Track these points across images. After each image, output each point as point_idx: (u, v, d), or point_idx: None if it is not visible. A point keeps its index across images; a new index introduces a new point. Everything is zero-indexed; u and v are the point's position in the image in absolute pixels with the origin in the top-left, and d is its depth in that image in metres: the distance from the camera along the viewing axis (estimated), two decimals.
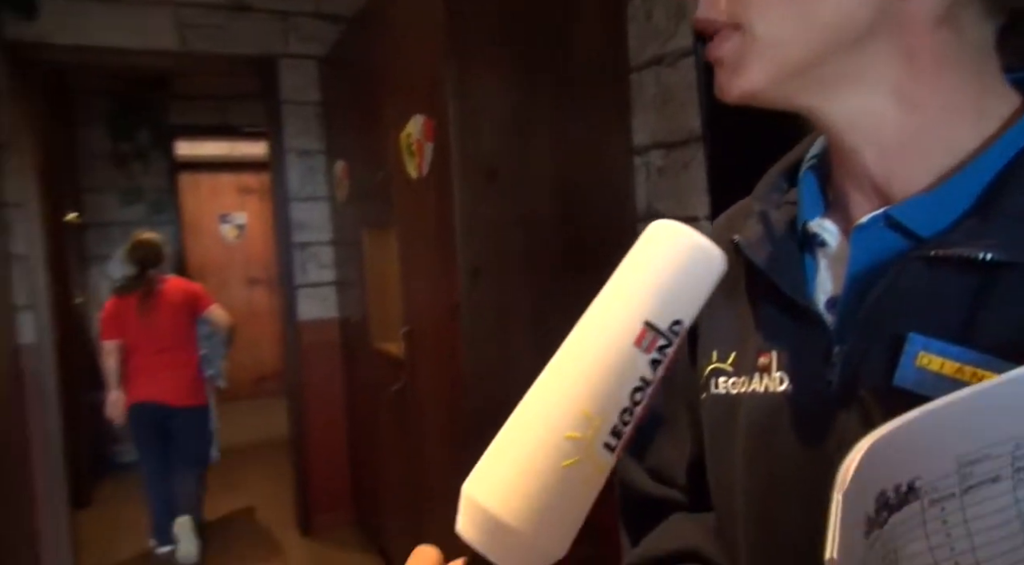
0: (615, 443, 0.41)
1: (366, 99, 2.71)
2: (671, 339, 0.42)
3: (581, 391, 0.41)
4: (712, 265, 0.44)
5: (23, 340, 2.99)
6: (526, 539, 0.40)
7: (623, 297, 0.43)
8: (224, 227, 6.61)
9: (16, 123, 2.93)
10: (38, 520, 3.03)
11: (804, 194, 0.52)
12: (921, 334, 0.42)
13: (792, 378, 0.48)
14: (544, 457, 0.40)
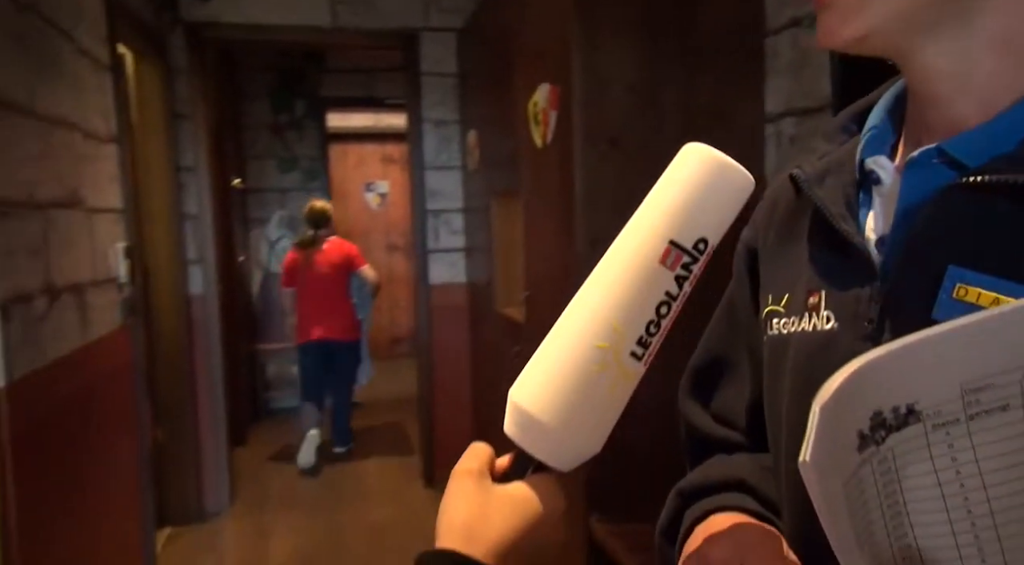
0: (642, 353, 0.45)
1: (499, 69, 2.77)
2: (696, 256, 0.45)
3: (609, 305, 0.45)
4: (736, 184, 0.45)
5: (192, 290, 3.36)
6: (559, 435, 0.45)
7: (650, 218, 0.46)
8: (368, 195, 6.99)
9: (192, 96, 3.27)
10: (203, 454, 3.41)
11: (869, 134, 0.51)
12: (959, 266, 0.41)
13: (837, 317, 0.48)
14: (575, 363, 0.44)
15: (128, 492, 2.34)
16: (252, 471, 4.00)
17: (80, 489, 1.86)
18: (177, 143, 3.21)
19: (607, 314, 0.45)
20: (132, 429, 2.39)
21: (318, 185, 5.43)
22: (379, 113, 6.19)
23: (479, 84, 3.22)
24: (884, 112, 0.52)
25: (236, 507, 3.54)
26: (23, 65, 1.63)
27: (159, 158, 3.13)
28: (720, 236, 0.46)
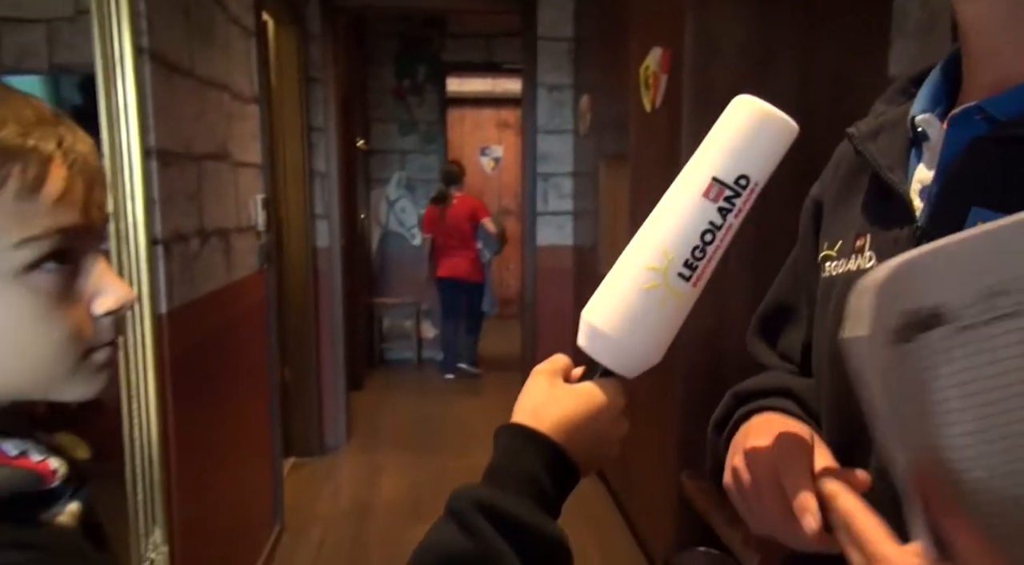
0: (689, 274, 0.52)
1: (613, 33, 2.79)
2: (737, 191, 0.51)
3: (660, 233, 0.53)
4: (777, 129, 0.51)
5: (319, 243, 3.63)
6: (619, 344, 0.53)
7: (697, 159, 0.53)
8: (483, 159, 7.16)
9: (324, 61, 3.49)
10: (324, 395, 3.72)
11: (921, 93, 0.54)
12: (982, 208, 0.46)
13: (878, 256, 0.53)
14: (631, 283, 0.53)
15: (260, 421, 2.62)
16: (367, 414, 4.30)
17: (222, 413, 2.12)
18: (309, 105, 3.46)
19: (658, 240, 0.52)
20: (264, 366, 2.66)
21: (435, 148, 5.64)
22: (496, 78, 6.30)
23: (593, 48, 3.24)
24: (939, 74, 0.55)
25: (351, 444, 3.84)
26: (186, 32, 1.84)
27: (293, 118, 3.37)
28: (765, 176, 0.52)
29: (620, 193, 2.72)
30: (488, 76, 6.23)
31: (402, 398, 4.69)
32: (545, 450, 0.52)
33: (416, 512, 3.03)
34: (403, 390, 4.92)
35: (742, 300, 1.77)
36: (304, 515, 3.01)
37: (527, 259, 3.82)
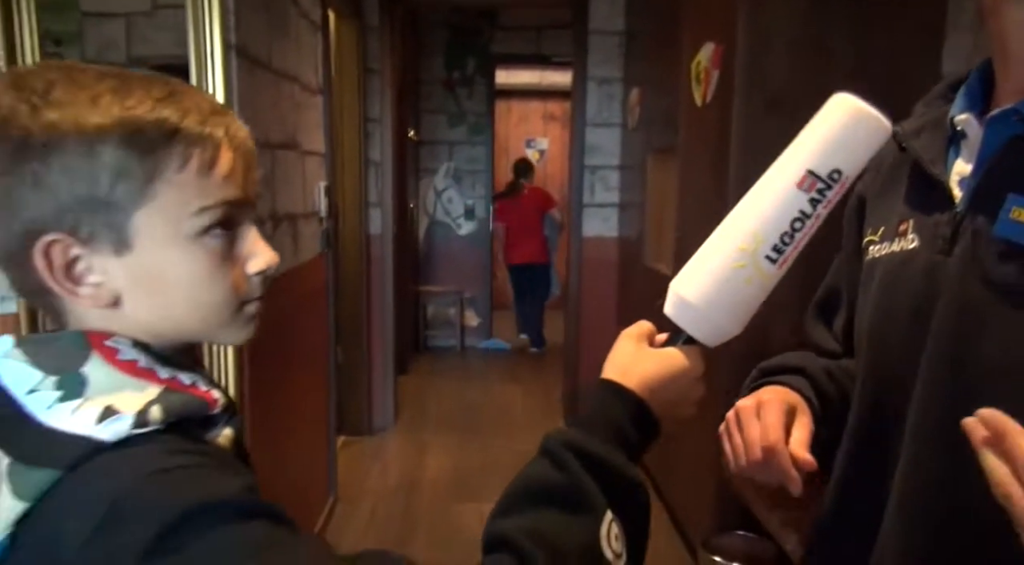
0: (776, 257, 0.57)
1: (665, 27, 2.84)
2: (830, 184, 0.56)
3: (752, 216, 0.58)
4: (872, 128, 0.56)
5: (372, 231, 3.76)
6: (705, 314, 0.59)
7: (793, 151, 0.58)
8: (529, 151, 7.23)
9: (381, 53, 3.61)
10: (373, 377, 3.85)
11: (959, 97, 0.62)
12: (1018, 194, 0.53)
13: (920, 237, 0.61)
14: (721, 259, 0.59)
15: (319, 398, 2.76)
16: (413, 397, 4.44)
17: (288, 388, 2.26)
18: (366, 95, 3.58)
19: (750, 223, 0.58)
20: (324, 346, 2.79)
21: (483, 140, 5.73)
22: (544, 70, 6.36)
23: (644, 43, 3.30)
24: (976, 79, 0.62)
25: (399, 425, 3.98)
26: (266, 27, 1.96)
27: (351, 109, 3.50)
28: (857, 171, 0.57)
29: (668, 186, 2.78)
30: (536, 68, 6.30)
31: (446, 383, 4.81)
32: (630, 404, 0.59)
33: (460, 490, 3.15)
34: (446, 376, 5.04)
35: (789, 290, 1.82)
36: (356, 489, 3.15)
37: (573, 250, 3.90)
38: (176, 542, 0.44)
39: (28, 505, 0.47)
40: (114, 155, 0.51)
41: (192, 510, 0.45)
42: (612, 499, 0.54)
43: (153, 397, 0.51)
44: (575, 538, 0.51)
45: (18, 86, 0.52)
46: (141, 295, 0.55)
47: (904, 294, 0.62)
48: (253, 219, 0.60)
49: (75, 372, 0.51)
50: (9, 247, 0.53)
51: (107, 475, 0.47)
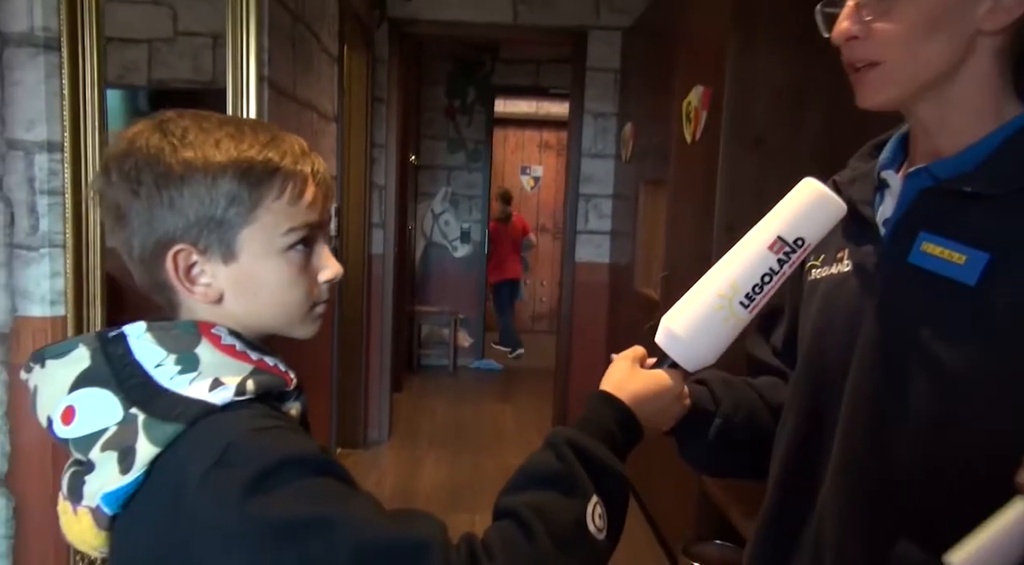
0: (748, 303, 0.72)
1: (658, 68, 3.04)
2: (795, 248, 0.72)
3: (732, 269, 0.73)
4: (831, 209, 0.72)
5: (374, 250, 3.91)
6: (688, 345, 0.75)
7: (768, 220, 0.74)
8: (523, 178, 7.44)
9: (389, 83, 3.80)
10: (369, 392, 3.98)
11: (884, 156, 0.79)
12: (927, 232, 0.70)
13: (852, 264, 0.77)
14: (704, 302, 0.74)
15: (320, 409, 2.88)
16: (406, 413, 4.56)
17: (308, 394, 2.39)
18: (373, 123, 3.76)
19: (729, 274, 0.72)
20: (326, 358, 2.93)
21: (480, 166, 5.92)
22: (540, 101, 6.59)
23: (639, 81, 3.50)
24: (896, 142, 0.79)
25: (393, 440, 4.10)
26: (292, 61, 2.13)
27: (358, 135, 3.67)
28: (817, 240, 0.72)
29: (657, 216, 2.96)
30: (534, 99, 6.52)
31: (438, 401, 4.93)
32: (620, 412, 0.73)
33: (454, 502, 3.27)
34: (439, 394, 5.17)
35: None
36: None
37: (566, 274, 4.06)
38: (270, 483, 0.58)
39: (159, 450, 0.61)
40: (230, 186, 0.66)
41: (284, 460, 0.60)
42: (598, 486, 0.67)
43: (247, 373, 0.66)
44: (567, 514, 0.64)
45: (162, 130, 0.67)
46: (240, 295, 0.70)
47: (840, 307, 0.78)
48: (326, 238, 0.76)
49: (190, 352, 0.66)
50: (145, 252, 0.68)
51: (220, 428, 0.61)
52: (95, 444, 0.62)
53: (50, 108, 1.44)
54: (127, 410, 0.62)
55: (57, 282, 1.46)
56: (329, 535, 0.57)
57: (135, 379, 0.64)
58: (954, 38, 0.69)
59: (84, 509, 0.64)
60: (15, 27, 1.41)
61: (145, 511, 0.62)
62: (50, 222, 1.45)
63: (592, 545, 0.65)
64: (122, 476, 0.61)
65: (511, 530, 0.62)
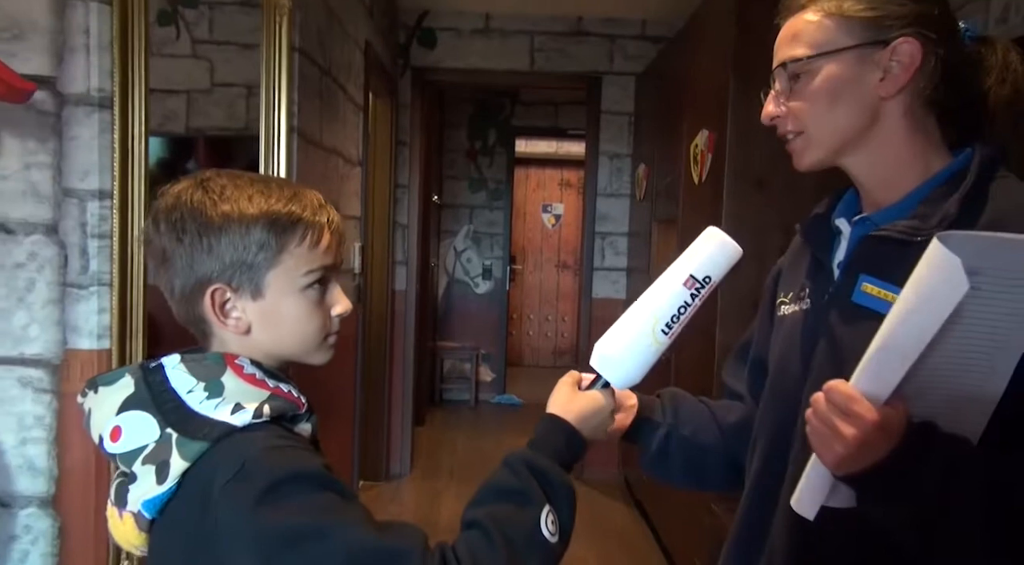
0: (668, 330, 0.84)
1: (668, 112, 3.17)
2: (703, 285, 0.84)
3: (654, 301, 0.85)
4: (730, 252, 0.85)
5: (397, 287, 4.04)
6: (618, 367, 0.85)
7: (682, 262, 0.86)
8: (545, 216, 7.58)
9: (412, 127, 3.97)
10: (392, 426, 4.07)
11: (837, 207, 0.89)
12: (866, 274, 0.79)
13: (811, 301, 0.86)
14: (631, 329, 0.85)
15: (344, 443, 2.98)
16: (428, 447, 4.64)
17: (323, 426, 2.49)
18: (396, 165, 3.92)
19: (652, 306, 0.85)
20: (350, 392, 3.04)
21: (501, 204, 6.08)
22: (560, 141, 6.76)
23: (651, 124, 3.63)
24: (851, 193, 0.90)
25: (414, 473, 4.18)
26: (320, 112, 2.29)
27: (382, 177, 3.84)
28: (720, 277, 0.85)
29: (670, 253, 3.05)
30: (553, 139, 6.69)
31: (460, 435, 5.00)
32: (566, 431, 0.84)
33: None
34: (461, 428, 5.24)
35: None
36: None
37: (583, 309, 4.15)
38: (278, 495, 0.69)
39: (189, 464, 0.72)
40: (260, 234, 0.78)
41: (291, 476, 0.70)
42: (550, 497, 0.78)
43: (264, 399, 0.77)
44: (524, 522, 0.74)
45: (204, 188, 0.80)
46: (265, 326, 0.81)
47: (800, 338, 0.87)
48: (337, 278, 0.87)
49: (217, 380, 0.77)
50: (186, 290, 0.80)
51: (238, 447, 0.72)
52: (137, 458, 0.73)
53: (102, 160, 1.59)
54: (163, 430, 0.73)
55: (104, 318, 1.60)
56: (326, 542, 0.68)
57: (170, 403, 0.75)
58: (857, 105, 0.80)
59: (128, 514, 0.75)
60: (73, 89, 1.57)
61: (177, 516, 0.73)
62: (99, 263, 1.59)
63: (546, 547, 0.75)
64: (158, 486, 0.72)
65: (475, 537, 0.73)
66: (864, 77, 0.80)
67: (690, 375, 2.68)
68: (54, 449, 1.58)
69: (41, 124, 1.55)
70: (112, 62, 1.59)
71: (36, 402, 1.56)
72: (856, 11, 0.80)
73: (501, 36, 3.96)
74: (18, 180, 1.54)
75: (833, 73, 0.81)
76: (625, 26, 3.98)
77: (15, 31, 1.53)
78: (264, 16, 1.91)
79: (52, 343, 1.57)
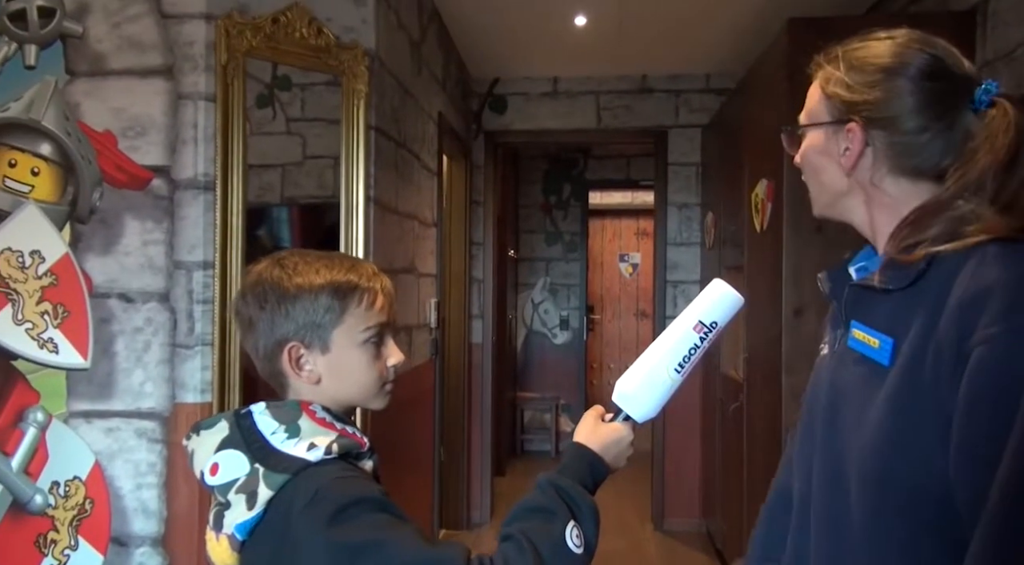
0: (680, 369, 0.93)
1: (732, 162, 3.23)
2: (711, 329, 0.94)
3: (668, 344, 0.95)
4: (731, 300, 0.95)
5: (474, 340, 4.19)
6: (637, 402, 0.95)
7: (692, 308, 0.96)
8: (622, 265, 7.63)
9: (486, 187, 4.18)
10: (472, 476, 4.16)
11: (859, 254, 0.94)
12: (856, 321, 0.85)
13: (829, 347, 0.93)
14: (648, 368, 0.95)
15: (424, 492, 3.10)
16: (509, 497, 4.68)
17: (399, 480, 2.63)
18: (471, 223, 4.12)
19: (666, 348, 0.94)
20: (428, 443, 3.17)
21: (577, 255, 6.19)
22: (635, 192, 6.86)
23: (717, 173, 3.69)
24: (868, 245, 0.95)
25: (495, 522, 4.23)
26: (395, 180, 2.50)
27: (458, 235, 4.04)
28: (725, 323, 0.94)
29: None
30: (626, 190, 6.79)
31: None
32: (590, 458, 0.94)
33: None
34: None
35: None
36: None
37: None
38: (344, 516, 0.82)
39: (273, 493, 0.86)
40: (326, 300, 0.94)
41: (355, 501, 0.84)
42: (574, 513, 0.88)
43: (333, 438, 0.91)
44: (551, 534, 0.84)
45: (280, 265, 0.96)
46: (332, 377, 0.96)
47: (819, 382, 0.93)
48: (392, 333, 1.01)
49: (295, 423, 0.91)
50: (268, 349, 0.96)
51: (313, 478, 0.86)
52: (231, 489, 0.88)
53: (206, 235, 1.82)
54: (252, 465, 0.88)
55: (206, 374, 1.80)
56: (383, 552, 0.81)
57: (257, 443, 0.90)
58: (833, 173, 0.89)
59: (223, 536, 0.89)
60: (183, 175, 1.82)
61: (264, 537, 0.87)
62: (202, 325, 1.81)
63: (571, 556, 0.85)
64: (248, 511, 0.86)
65: (509, 548, 0.84)
66: (832, 150, 0.88)
67: (760, 420, 2.67)
68: (164, 493, 1.77)
69: (157, 207, 1.80)
70: (215, 150, 1.83)
71: (150, 451, 1.77)
72: (832, 91, 0.89)
73: (568, 98, 4.15)
74: (137, 256, 1.79)
75: (813, 143, 0.91)
76: (689, 81, 4.09)
77: (137, 129, 1.80)
78: (343, 99, 2.14)
79: (163, 398, 1.79)
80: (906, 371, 0.77)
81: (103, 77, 1.80)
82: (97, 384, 1.76)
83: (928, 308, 0.77)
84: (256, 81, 2.11)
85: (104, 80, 1.80)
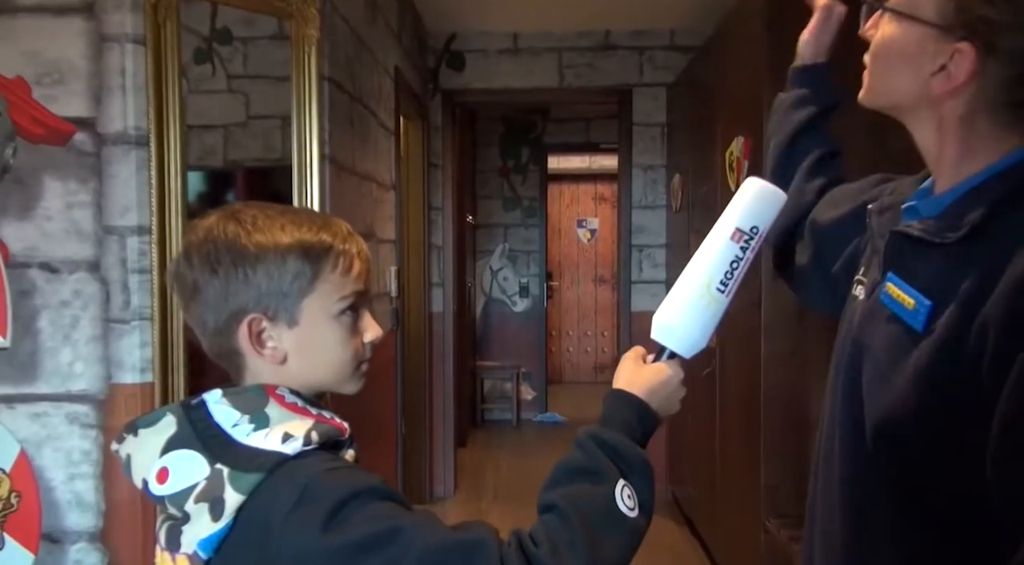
0: (724, 288, 0.81)
1: (702, 121, 3.12)
2: (752, 236, 0.81)
3: (706, 262, 0.82)
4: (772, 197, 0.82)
5: (434, 309, 4.04)
6: (679, 333, 0.82)
7: (726, 217, 0.83)
8: (580, 231, 7.54)
9: (444, 149, 3.99)
10: (434, 448, 4.05)
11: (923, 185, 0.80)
12: (893, 273, 0.74)
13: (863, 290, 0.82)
14: (687, 293, 0.82)
15: (387, 465, 2.97)
16: (471, 469, 4.61)
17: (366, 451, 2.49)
18: (430, 187, 3.94)
19: (704, 266, 0.81)
20: (391, 416, 3.03)
21: (536, 221, 6.06)
22: (593, 156, 6.74)
23: (685, 133, 3.58)
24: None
25: (458, 495, 4.15)
26: (351, 139, 2.31)
27: (416, 200, 3.86)
28: (767, 226, 0.81)
29: None
30: (585, 154, 6.67)
31: (503, 455, 4.96)
32: (635, 404, 0.81)
33: None
34: (504, 448, 5.20)
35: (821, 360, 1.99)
36: None
37: (622, 324, 4.10)
38: (344, 513, 0.68)
39: (244, 497, 0.70)
40: (295, 263, 0.78)
41: (354, 492, 0.69)
42: (623, 471, 0.75)
43: (310, 426, 0.75)
44: (598, 498, 0.73)
45: (236, 219, 0.79)
46: (300, 355, 0.80)
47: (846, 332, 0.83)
48: (368, 304, 0.86)
49: (261, 411, 0.75)
50: (219, 323, 0.79)
51: (296, 473, 0.71)
52: (188, 498, 0.72)
53: (140, 196, 1.62)
54: (212, 466, 0.72)
55: (146, 352, 1.62)
56: (399, 541, 0.66)
57: (216, 438, 0.74)
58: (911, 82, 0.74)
59: (183, 556, 0.73)
60: (111, 128, 1.61)
61: (236, 552, 0.71)
62: (140, 298, 1.62)
63: (625, 521, 0.73)
64: (214, 523, 0.70)
65: (552, 520, 0.72)
66: (923, 61, 0.72)
67: (734, 385, 2.61)
68: (101, 484, 1.60)
69: (81, 164, 1.59)
70: (148, 101, 1.62)
71: (83, 438, 1.59)
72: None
73: (530, 55, 3.97)
74: (61, 220, 1.58)
75: (898, 37, 0.74)
76: (654, 37, 3.95)
77: (55, 76, 1.57)
78: (292, 47, 1.94)
79: (97, 378, 1.59)
80: (942, 343, 0.67)
81: (11, 15, 1.56)
82: (19, 365, 1.56)
83: (981, 272, 0.66)
84: (193, 34, 1.89)
85: (13, 18, 1.56)
